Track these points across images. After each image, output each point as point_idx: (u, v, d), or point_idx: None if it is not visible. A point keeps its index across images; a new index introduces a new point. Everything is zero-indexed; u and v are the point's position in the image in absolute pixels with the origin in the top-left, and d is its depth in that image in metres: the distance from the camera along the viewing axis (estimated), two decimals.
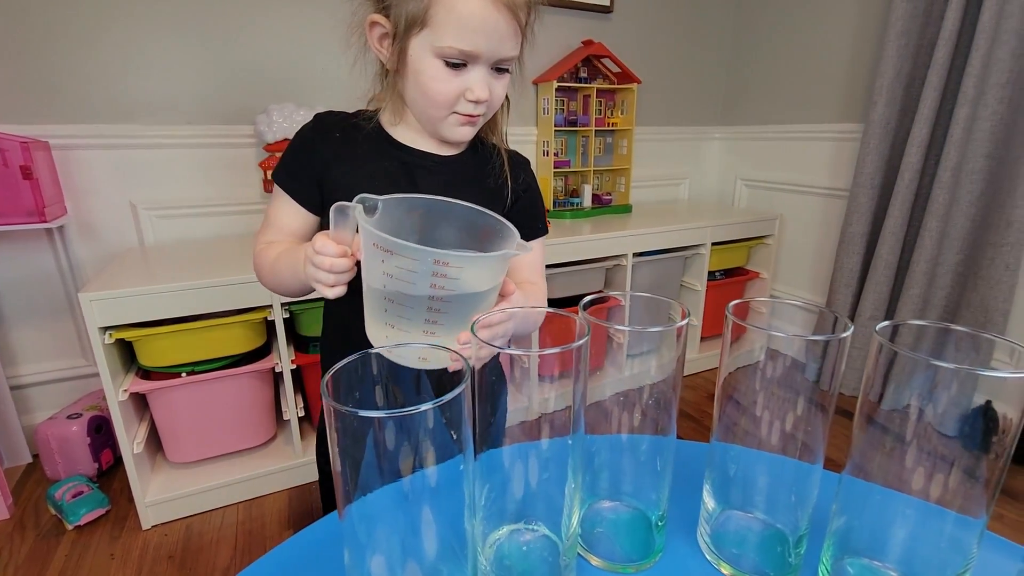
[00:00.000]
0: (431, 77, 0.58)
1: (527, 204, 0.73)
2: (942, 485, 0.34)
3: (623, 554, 0.42)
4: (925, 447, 0.34)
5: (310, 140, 0.66)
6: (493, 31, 0.56)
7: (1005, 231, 1.43)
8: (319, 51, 1.60)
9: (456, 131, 0.63)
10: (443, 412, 0.30)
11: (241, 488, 1.34)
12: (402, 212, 0.51)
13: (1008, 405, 0.31)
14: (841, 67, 1.91)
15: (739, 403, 0.41)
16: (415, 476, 0.32)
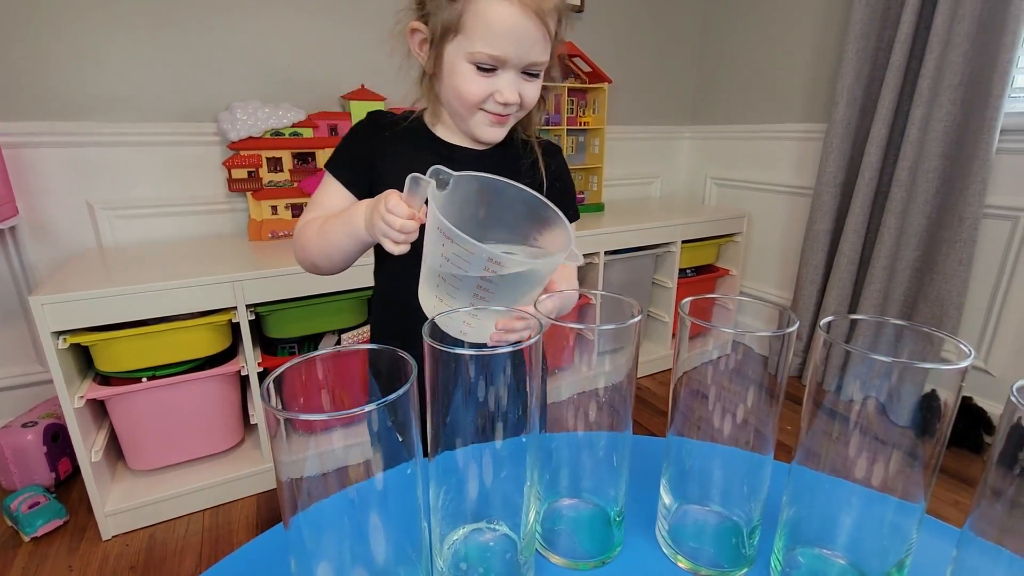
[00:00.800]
0: (463, 79, 0.62)
1: (559, 191, 0.75)
2: (884, 472, 0.35)
3: (582, 551, 0.42)
4: (868, 436, 0.35)
5: (363, 135, 0.73)
6: (521, 37, 0.59)
7: (958, 227, 1.48)
8: (285, 47, 1.57)
9: (486, 131, 0.67)
10: (390, 413, 0.29)
11: (207, 495, 1.31)
12: (472, 190, 0.54)
13: (946, 393, 0.32)
14: (805, 68, 1.96)
15: (694, 398, 0.42)
16: (364, 482, 0.32)
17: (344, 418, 0.28)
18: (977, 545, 0.29)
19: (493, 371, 0.36)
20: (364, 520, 0.33)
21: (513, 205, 0.55)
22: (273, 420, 0.28)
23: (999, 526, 0.28)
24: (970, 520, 0.29)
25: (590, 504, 0.45)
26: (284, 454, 0.29)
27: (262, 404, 0.27)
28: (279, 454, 0.29)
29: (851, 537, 0.39)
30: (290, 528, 0.31)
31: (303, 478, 0.30)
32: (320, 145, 1.55)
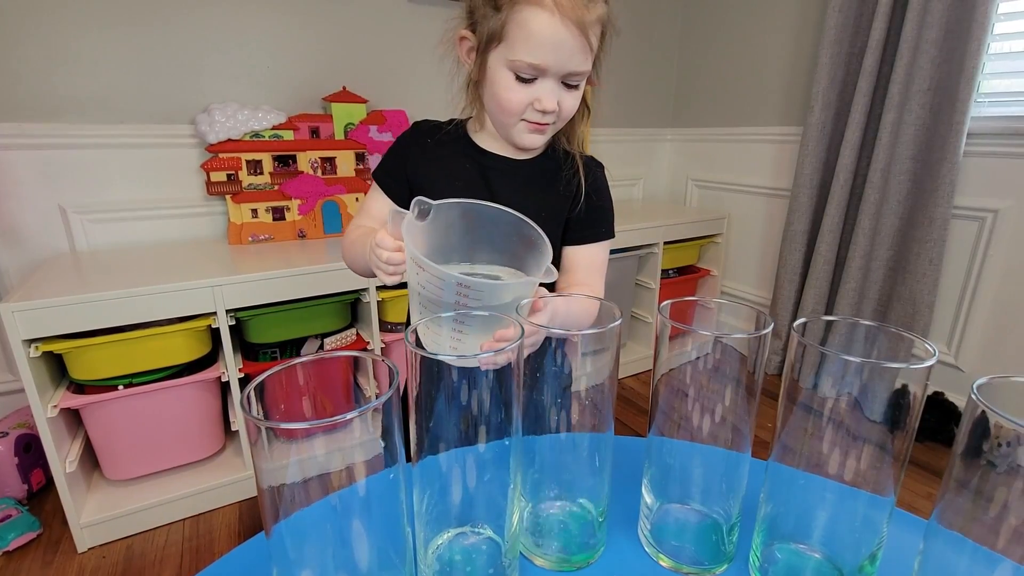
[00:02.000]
0: (504, 87, 0.64)
1: (594, 208, 0.75)
2: (856, 467, 0.36)
3: (566, 552, 0.43)
4: (840, 432, 0.36)
5: (405, 144, 0.75)
6: (561, 47, 0.60)
7: (929, 228, 1.53)
8: (264, 48, 1.55)
9: (525, 137, 0.68)
10: (373, 420, 0.29)
11: (187, 503, 1.28)
12: (454, 215, 0.56)
13: (914, 390, 0.33)
14: (781, 73, 2.00)
15: (674, 398, 0.42)
16: (346, 488, 0.32)
17: (326, 426, 0.28)
18: (943, 536, 0.30)
19: (476, 377, 0.36)
20: (347, 527, 0.33)
21: (498, 227, 0.56)
22: (253, 428, 0.28)
23: (964, 517, 0.29)
24: (936, 512, 0.30)
25: (573, 505, 0.45)
26: (265, 461, 0.29)
27: (242, 413, 0.27)
28: (260, 462, 0.28)
29: (826, 532, 0.40)
30: (272, 536, 0.30)
31: (284, 486, 0.30)
32: (301, 147, 1.53)
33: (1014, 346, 1.48)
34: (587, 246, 0.76)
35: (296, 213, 1.54)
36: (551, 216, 0.73)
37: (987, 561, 0.29)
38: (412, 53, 1.78)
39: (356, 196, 1.61)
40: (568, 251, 0.77)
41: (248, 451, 1.33)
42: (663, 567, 0.43)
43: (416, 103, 1.80)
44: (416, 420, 0.36)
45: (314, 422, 0.27)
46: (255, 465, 0.29)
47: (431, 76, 1.83)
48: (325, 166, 1.58)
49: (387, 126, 1.65)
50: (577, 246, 0.76)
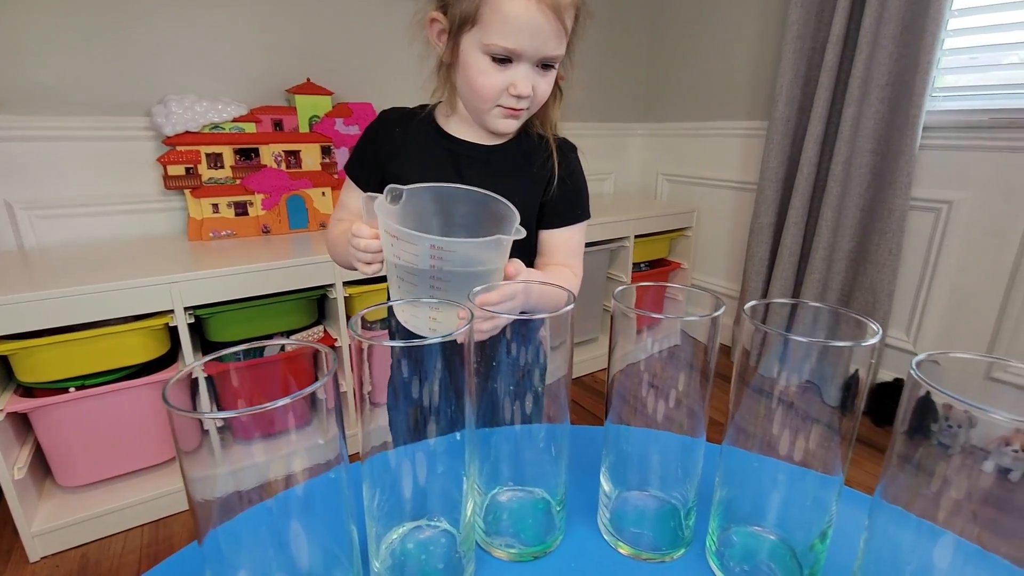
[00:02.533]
0: (478, 71, 0.63)
1: (569, 190, 0.75)
2: (805, 447, 0.36)
3: (524, 542, 0.42)
4: (790, 413, 0.36)
5: (373, 135, 0.75)
6: (537, 30, 0.60)
7: (888, 219, 1.57)
8: (224, 37, 1.50)
9: (500, 123, 0.67)
10: (309, 407, 0.28)
11: (146, 508, 1.24)
12: (427, 199, 0.58)
13: (860, 370, 0.34)
14: (747, 68, 2.03)
15: (631, 385, 0.42)
16: (286, 491, 0.31)
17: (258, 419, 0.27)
18: (887, 511, 0.30)
19: (425, 365, 0.35)
20: (286, 529, 0.32)
21: (467, 207, 0.58)
22: (184, 429, 0.26)
23: (906, 492, 0.30)
24: (879, 488, 0.31)
25: (532, 495, 0.45)
26: (196, 470, 0.27)
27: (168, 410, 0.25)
28: (191, 470, 0.27)
29: (779, 513, 0.40)
30: (205, 543, 0.29)
31: (216, 496, 0.29)
32: (264, 140, 1.49)
33: (968, 332, 1.54)
34: (564, 229, 0.76)
35: (260, 208, 1.50)
36: (525, 200, 0.71)
37: (929, 534, 0.29)
38: (379, 44, 1.75)
39: (323, 191, 1.58)
40: (545, 235, 0.76)
41: (218, 451, 1.28)
42: (622, 555, 0.42)
43: (383, 95, 1.76)
44: (362, 413, 0.35)
45: (240, 411, 0.26)
46: (184, 475, 0.28)
47: (399, 68, 1.80)
48: (289, 160, 1.54)
49: (354, 119, 1.61)
50: (554, 229, 0.76)
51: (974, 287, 1.51)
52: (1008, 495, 0.27)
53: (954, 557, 0.28)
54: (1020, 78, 1.43)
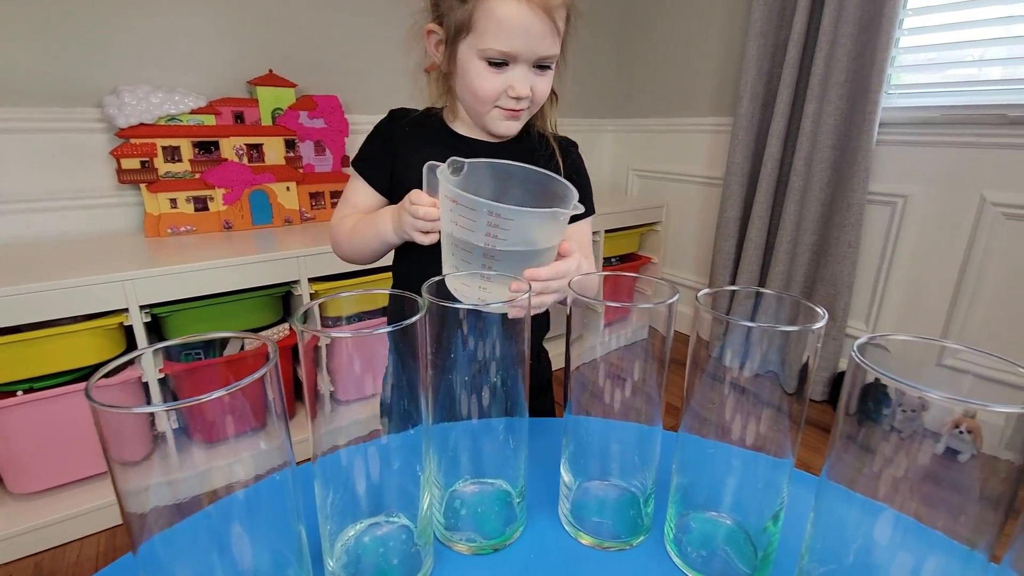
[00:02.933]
0: (476, 76, 0.64)
1: (576, 185, 0.77)
2: (756, 432, 0.37)
3: (484, 535, 0.42)
4: (742, 399, 0.37)
5: (384, 132, 0.76)
6: (530, 32, 0.61)
7: (847, 212, 1.62)
8: (181, 26, 1.45)
9: (501, 125, 0.69)
10: (246, 403, 0.27)
11: (105, 515, 1.19)
12: (485, 174, 0.59)
13: (807, 354, 0.34)
14: (712, 64, 2.06)
15: (588, 376, 0.42)
16: (228, 496, 0.30)
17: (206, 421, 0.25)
18: (832, 491, 0.31)
19: (374, 357, 0.34)
20: (228, 535, 0.30)
21: (525, 185, 0.59)
22: (129, 429, 0.25)
23: (849, 472, 0.30)
24: (825, 469, 0.31)
25: (492, 487, 0.44)
26: (127, 482, 0.26)
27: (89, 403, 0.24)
28: (122, 482, 0.26)
29: (734, 498, 0.41)
30: (139, 555, 0.28)
31: (148, 491, 0.27)
32: (225, 133, 1.44)
33: (923, 320, 1.60)
34: (573, 225, 0.76)
35: (221, 203, 1.45)
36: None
37: (872, 511, 0.30)
38: (345, 35, 1.71)
39: (287, 185, 1.54)
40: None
41: (173, 453, 1.24)
42: (583, 544, 0.42)
43: (349, 88, 1.73)
44: (311, 412, 0.34)
45: (171, 404, 0.25)
46: (116, 487, 0.26)
47: (366, 60, 1.77)
48: (252, 153, 1.50)
49: (319, 112, 1.58)
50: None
51: (927, 277, 1.57)
52: (945, 472, 0.27)
53: (894, 532, 0.29)
54: (970, 76, 1.49)
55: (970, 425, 0.26)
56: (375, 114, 2.06)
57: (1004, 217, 1.39)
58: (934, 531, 0.28)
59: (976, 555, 0.27)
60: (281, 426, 0.30)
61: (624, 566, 0.40)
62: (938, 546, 0.28)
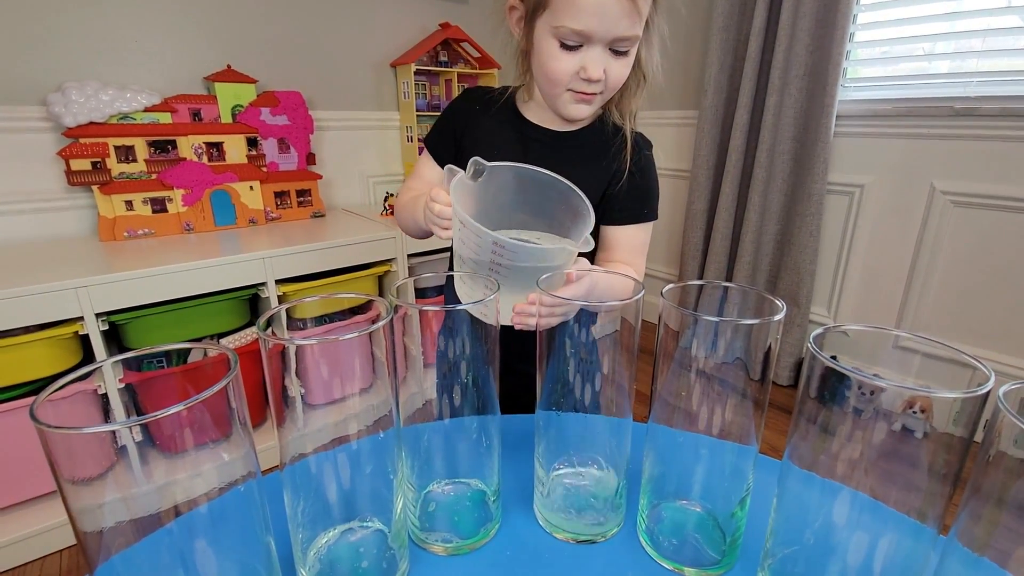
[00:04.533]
0: (549, 56, 0.62)
1: (637, 187, 0.73)
2: (722, 420, 0.38)
3: (460, 535, 0.42)
4: (709, 387, 0.38)
5: (454, 110, 0.77)
6: (606, 12, 0.58)
7: (808, 202, 1.67)
8: (132, 20, 1.39)
9: (571, 108, 0.66)
10: (207, 414, 0.26)
11: (66, 532, 1.15)
12: (507, 178, 0.57)
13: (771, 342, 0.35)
14: (678, 59, 2.09)
15: (560, 371, 0.42)
16: (192, 510, 0.29)
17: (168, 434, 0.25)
18: (795, 474, 0.32)
19: (343, 363, 0.34)
20: (192, 552, 0.30)
21: (548, 193, 0.57)
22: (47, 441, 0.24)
23: (811, 453, 0.31)
24: (786, 453, 0.32)
25: (467, 487, 0.44)
26: (80, 500, 0.25)
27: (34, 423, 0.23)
28: (72, 500, 0.25)
29: (703, 486, 0.42)
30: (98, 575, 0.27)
31: (103, 512, 0.26)
32: (183, 131, 1.39)
33: (881, 304, 1.67)
34: (628, 227, 0.74)
35: (180, 204, 1.40)
36: (586, 191, 0.69)
37: (831, 491, 0.31)
38: (306, 30, 1.67)
39: (250, 184, 1.50)
40: (609, 231, 0.74)
41: (138, 466, 1.20)
42: (558, 539, 0.43)
43: (313, 84, 1.69)
44: (278, 418, 0.34)
45: (124, 422, 0.24)
46: (66, 503, 0.25)
47: (330, 55, 1.73)
48: (212, 152, 1.45)
49: (281, 109, 1.54)
50: (618, 226, 0.74)
51: (884, 263, 1.64)
52: (899, 450, 0.29)
53: (851, 511, 0.30)
54: (920, 69, 1.55)
55: (924, 404, 0.27)
56: (341, 110, 2.02)
57: (952, 205, 1.46)
58: (888, 507, 0.29)
59: (926, 528, 0.28)
60: (245, 435, 0.29)
61: (599, 558, 0.41)
62: (892, 522, 0.29)
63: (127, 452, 0.27)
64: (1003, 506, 0.25)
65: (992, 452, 0.25)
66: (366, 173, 1.94)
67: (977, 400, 0.25)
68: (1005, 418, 0.24)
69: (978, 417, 0.26)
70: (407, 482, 0.41)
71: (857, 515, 0.30)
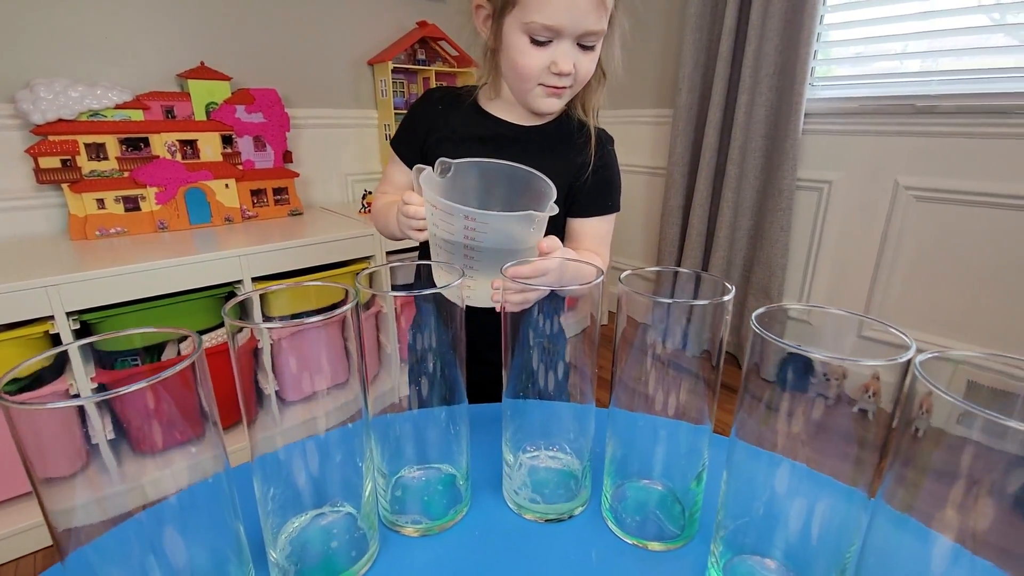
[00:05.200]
0: (519, 52, 0.64)
1: (602, 180, 0.75)
2: (678, 402, 0.40)
3: (431, 516, 0.43)
4: (665, 370, 0.40)
5: (417, 111, 0.78)
6: (575, 6, 0.60)
7: (779, 198, 1.71)
8: (102, 15, 1.36)
9: (542, 102, 0.68)
10: (169, 394, 0.27)
11: (39, 533, 1.13)
12: (473, 174, 0.61)
13: (719, 328, 0.37)
14: (654, 58, 2.12)
15: (524, 360, 0.44)
16: (161, 502, 0.30)
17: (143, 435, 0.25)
18: (741, 449, 0.34)
19: (313, 355, 0.35)
20: (161, 538, 0.31)
21: (511, 183, 0.61)
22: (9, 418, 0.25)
23: (756, 429, 0.33)
24: (734, 429, 0.34)
25: (437, 472, 0.46)
26: (56, 502, 0.26)
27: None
28: (50, 503, 0.26)
29: (663, 464, 0.44)
30: (67, 564, 0.28)
31: (79, 522, 0.27)
32: (155, 129, 1.38)
33: (849, 297, 1.72)
34: (593, 219, 0.77)
35: (154, 203, 1.38)
36: (555, 183, 0.71)
37: (774, 463, 0.33)
38: (282, 28, 1.66)
39: (225, 182, 1.48)
40: (574, 223, 0.77)
41: (113, 466, 1.18)
42: (527, 519, 0.44)
43: (289, 81, 1.68)
44: (247, 411, 0.34)
45: (89, 396, 0.25)
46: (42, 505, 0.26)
47: (305, 52, 1.72)
48: (185, 150, 1.43)
49: (257, 106, 1.53)
50: (584, 218, 0.76)
51: (851, 256, 1.69)
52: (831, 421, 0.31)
53: (791, 480, 0.32)
54: (884, 69, 1.60)
55: (872, 386, 0.29)
56: (318, 107, 2.01)
57: (915, 200, 1.51)
58: (824, 475, 0.31)
59: (857, 492, 0.30)
60: (214, 430, 0.30)
61: (565, 537, 0.43)
62: (827, 488, 0.31)
63: (100, 450, 0.28)
64: (924, 472, 0.27)
65: (913, 420, 0.27)
66: (344, 171, 1.93)
67: (897, 369, 0.27)
68: (922, 385, 0.26)
69: (901, 386, 0.28)
70: (378, 469, 0.42)
71: (797, 484, 0.32)
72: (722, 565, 0.37)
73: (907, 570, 0.28)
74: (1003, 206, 1.38)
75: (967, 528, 0.25)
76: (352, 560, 0.38)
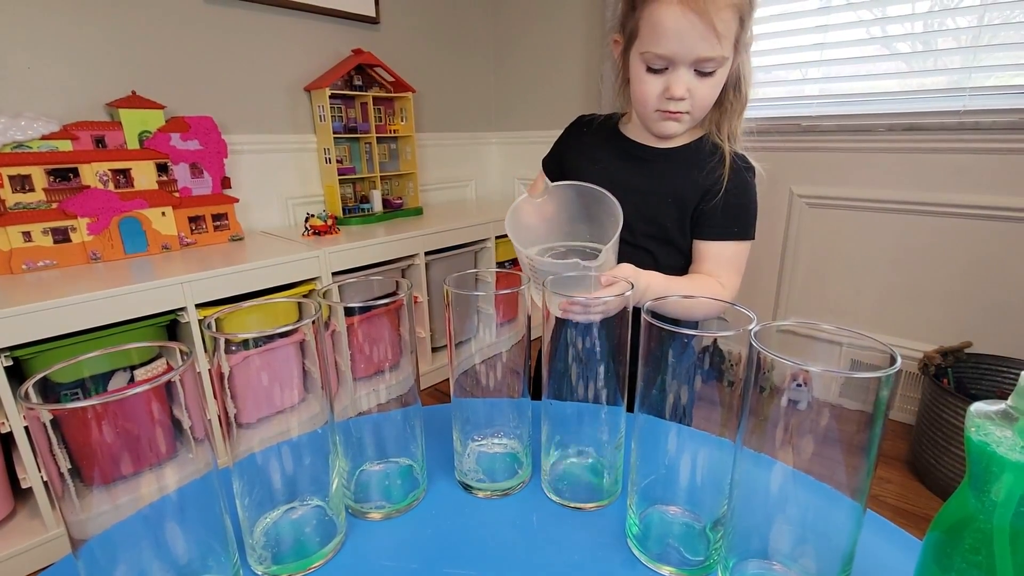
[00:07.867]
0: (638, 79, 0.70)
1: (729, 205, 0.76)
2: (595, 389, 0.48)
3: (392, 501, 0.49)
4: (582, 366, 0.48)
5: (566, 134, 0.90)
6: (685, 36, 0.64)
7: None
8: (24, 45, 1.33)
9: (662, 126, 0.73)
10: (168, 399, 0.32)
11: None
12: (571, 194, 0.69)
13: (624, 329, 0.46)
14: (576, 74, 2.27)
15: (467, 364, 0.51)
16: (159, 499, 0.34)
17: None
18: (643, 419, 0.43)
19: (277, 362, 0.41)
20: (160, 535, 0.35)
21: (598, 204, 0.67)
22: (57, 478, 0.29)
23: (658, 404, 0.42)
24: (636, 404, 0.43)
25: (396, 464, 0.52)
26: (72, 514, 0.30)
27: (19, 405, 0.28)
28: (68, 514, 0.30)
29: (589, 440, 0.52)
30: (80, 556, 0.32)
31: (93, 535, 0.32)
32: (85, 159, 1.35)
33: (760, 297, 1.91)
34: (716, 242, 0.77)
35: (85, 233, 1.35)
36: (677, 203, 0.76)
37: (666, 430, 0.42)
38: (215, 55, 1.67)
39: (162, 211, 1.47)
40: (699, 244, 0.79)
41: (47, 510, 1.14)
42: (478, 497, 0.51)
43: (225, 108, 1.69)
44: (226, 421, 0.39)
45: (87, 400, 0.30)
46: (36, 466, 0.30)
47: (239, 79, 1.73)
48: (119, 179, 1.41)
49: (192, 134, 1.52)
50: (707, 241, 0.77)
51: (760, 259, 1.88)
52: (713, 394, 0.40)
53: (679, 440, 0.42)
54: (776, 93, 1.81)
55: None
56: (256, 133, 2.02)
57: (807, 206, 1.73)
58: (706, 433, 0.40)
59: (725, 441, 0.40)
60: (200, 423, 0.35)
61: (511, 508, 0.50)
62: (709, 443, 0.40)
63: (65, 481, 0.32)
64: (767, 422, 0.36)
65: (754, 381, 0.36)
66: (285, 195, 1.94)
67: (744, 338, 0.36)
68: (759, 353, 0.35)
69: (751, 357, 0.37)
70: (342, 464, 0.48)
71: (686, 442, 0.42)
72: (638, 515, 0.45)
73: (763, 492, 0.37)
74: (877, 209, 1.60)
75: (799, 457, 0.34)
76: (321, 544, 0.44)
